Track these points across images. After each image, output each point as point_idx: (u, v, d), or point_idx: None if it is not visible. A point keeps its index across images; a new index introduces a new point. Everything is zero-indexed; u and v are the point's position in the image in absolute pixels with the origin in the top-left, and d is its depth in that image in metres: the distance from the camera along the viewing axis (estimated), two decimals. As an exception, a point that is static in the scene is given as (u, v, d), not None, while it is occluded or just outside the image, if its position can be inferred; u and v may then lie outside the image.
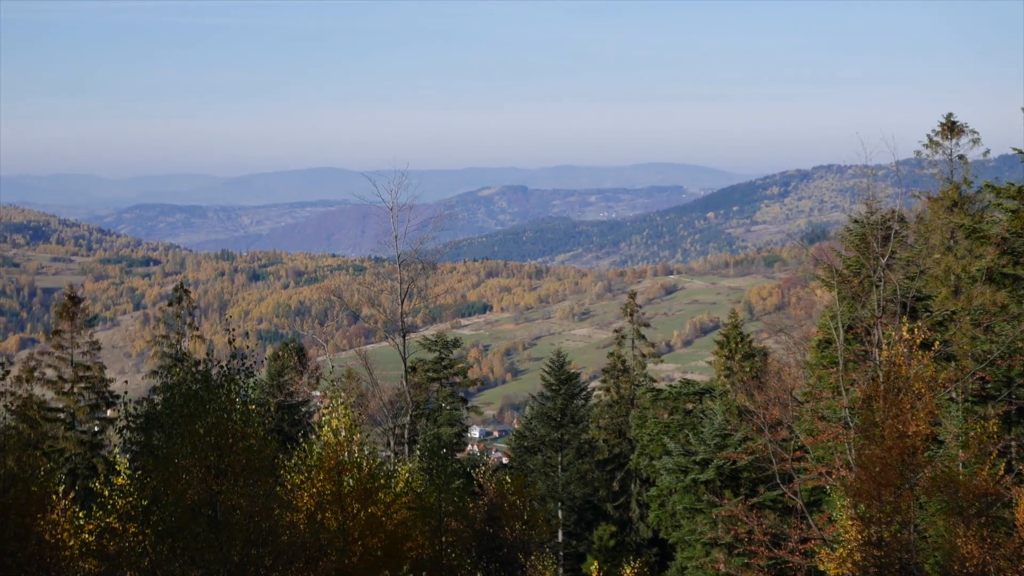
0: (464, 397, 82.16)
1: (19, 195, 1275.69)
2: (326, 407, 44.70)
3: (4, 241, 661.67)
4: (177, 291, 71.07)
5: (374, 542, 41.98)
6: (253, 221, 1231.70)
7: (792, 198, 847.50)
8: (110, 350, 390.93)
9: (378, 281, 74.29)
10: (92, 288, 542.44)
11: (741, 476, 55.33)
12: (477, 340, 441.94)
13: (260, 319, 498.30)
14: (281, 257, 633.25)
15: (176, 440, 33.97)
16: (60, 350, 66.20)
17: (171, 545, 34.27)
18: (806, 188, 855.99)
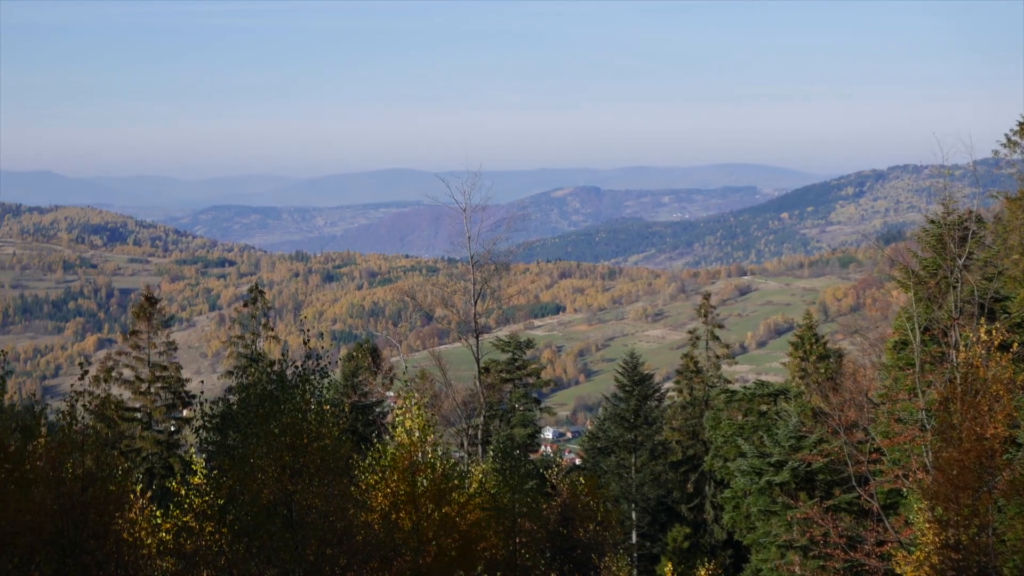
0: (537, 398, 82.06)
1: (97, 197, 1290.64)
2: (400, 408, 44.79)
3: (82, 242, 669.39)
4: (252, 292, 71.47)
5: (448, 542, 42.03)
6: (327, 222, 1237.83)
7: (867, 198, 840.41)
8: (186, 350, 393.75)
9: (451, 282, 74.35)
10: (168, 289, 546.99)
11: (816, 478, 54.91)
12: (550, 341, 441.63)
13: (334, 320, 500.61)
14: (355, 258, 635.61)
15: (252, 440, 34.17)
16: (137, 350, 66.79)
17: (247, 544, 34.49)
18: (882, 188, 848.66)
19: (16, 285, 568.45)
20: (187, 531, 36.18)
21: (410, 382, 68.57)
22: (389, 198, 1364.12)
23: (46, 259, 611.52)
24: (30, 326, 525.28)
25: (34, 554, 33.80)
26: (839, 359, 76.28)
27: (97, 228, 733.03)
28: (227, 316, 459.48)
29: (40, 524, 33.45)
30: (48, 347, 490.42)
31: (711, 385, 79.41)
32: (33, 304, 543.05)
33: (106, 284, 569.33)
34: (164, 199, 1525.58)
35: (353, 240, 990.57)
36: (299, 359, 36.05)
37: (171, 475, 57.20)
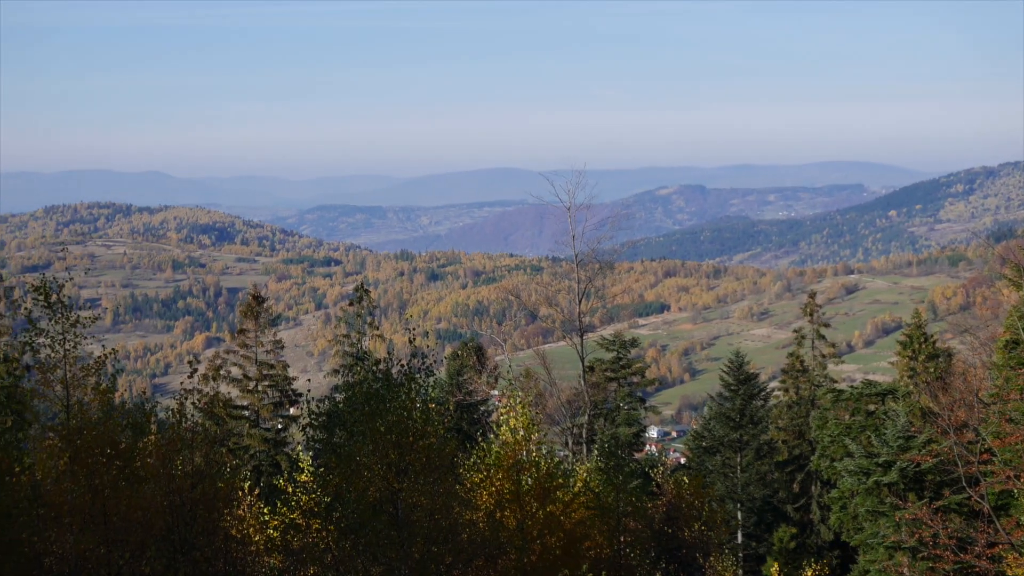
0: (642, 397, 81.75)
1: (206, 197, 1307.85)
2: (504, 406, 44.86)
3: (191, 242, 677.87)
4: (358, 291, 71.88)
5: (553, 541, 42.02)
6: (432, 221, 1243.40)
7: (977, 196, 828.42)
8: (293, 349, 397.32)
9: (555, 281, 74.11)
10: (275, 288, 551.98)
11: (925, 479, 54.17)
12: (655, 340, 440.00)
13: (439, 318, 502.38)
14: (459, 257, 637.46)
15: (358, 438, 34.38)
16: (245, 349, 67.46)
17: (353, 541, 34.72)
18: (992, 185, 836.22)
19: (127, 284, 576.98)
20: (294, 528, 36.52)
21: (514, 381, 68.72)
22: (493, 197, 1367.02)
23: (156, 259, 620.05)
24: (140, 325, 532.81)
25: (145, 550, 34.27)
26: (948, 358, 75.17)
27: (206, 228, 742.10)
28: (333, 315, 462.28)
29: (151, 520, 33.90)
30: (158, 345, 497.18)
31: (817, 384, 78.64)
32: (143, 303, 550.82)
33: (214, 283, 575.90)
34: (271, 199, 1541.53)
35: (458, 239, 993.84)
36: (404, 358, 36.25)
37: (278, 473, 57.81)
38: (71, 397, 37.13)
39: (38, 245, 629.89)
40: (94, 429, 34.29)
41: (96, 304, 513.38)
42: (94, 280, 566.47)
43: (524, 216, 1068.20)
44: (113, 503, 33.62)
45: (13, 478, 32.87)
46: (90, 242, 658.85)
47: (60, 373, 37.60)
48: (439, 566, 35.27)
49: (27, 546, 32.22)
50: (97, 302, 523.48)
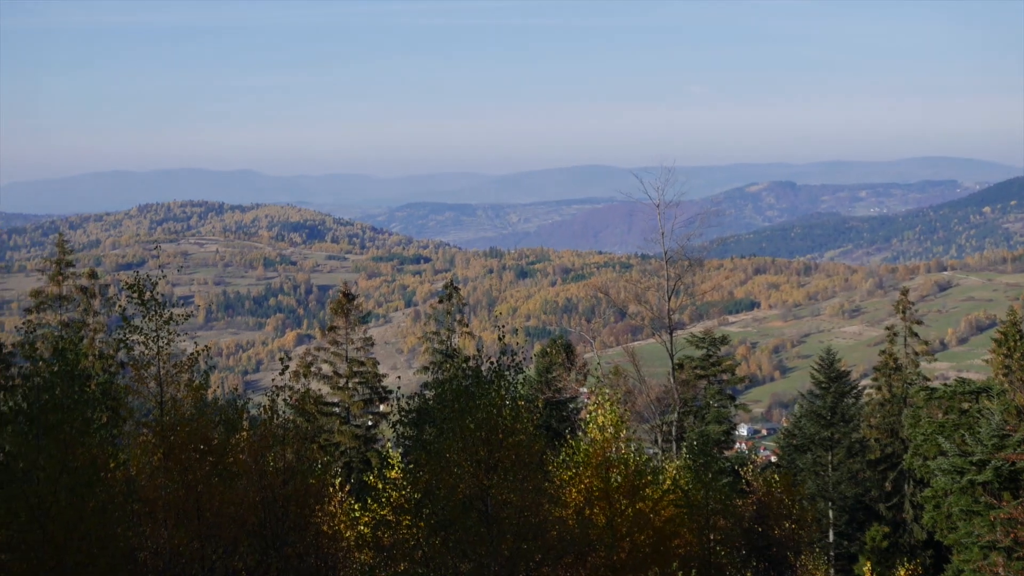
0: (732, 394, 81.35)
1: (297, 195, 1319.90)
2: (593, 403, 44.83)
3: (282, 240, 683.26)
4: (447, 288, 72.15)
5: (642, 538, 41.96)
6: (521, 219, 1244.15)
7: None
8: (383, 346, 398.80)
9: (645, 278, 73.97)
10: (365, 285, 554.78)
11: (1020, 478, 53.48)
12: (744, 337, 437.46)
13: (528, 316, 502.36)
14: (548, 254, 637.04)
15: (447, 435, 34.48)
16: (335, 346, 67.90)
17: (443, 538, 34.83)
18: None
19: (219, 282, 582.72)
20: (385, 524, 36.72)
21: (603, 378, 68.65)
22: (582, 194, 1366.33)
23: (247, 256, 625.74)
24: (232, 322, 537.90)
25: (237, 545, 34.60)
26: (1044, 356, 74.07)
27: (296, 226, 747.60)
28: (422, 312, 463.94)
29: (243, 516, 34.22)
30: (249, 342, 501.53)
31: (910, 382, 77.87)
32: (235, 300, 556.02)
33: (305, 281, 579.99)
34: (361, 197, 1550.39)
35: (547, 236, 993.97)
36: (494, 355, 36.29)
37: (369, 469, 58.13)
38: (165, 393, 37.57)
39: (132, 243, 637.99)
40: (187, 425, 34.67)
41: (189, 301, 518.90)
42: (187, 278, 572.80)
43: (613, 213, 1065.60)
44: (206, 498, 33.98)
45: (108, 474, 33.27)
46: (183, 240, 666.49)
47: (154, 370, 38.06)
48: (528, 563, 35.30)
49: (122, 541, 32.60)
50: (190, 299, 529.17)
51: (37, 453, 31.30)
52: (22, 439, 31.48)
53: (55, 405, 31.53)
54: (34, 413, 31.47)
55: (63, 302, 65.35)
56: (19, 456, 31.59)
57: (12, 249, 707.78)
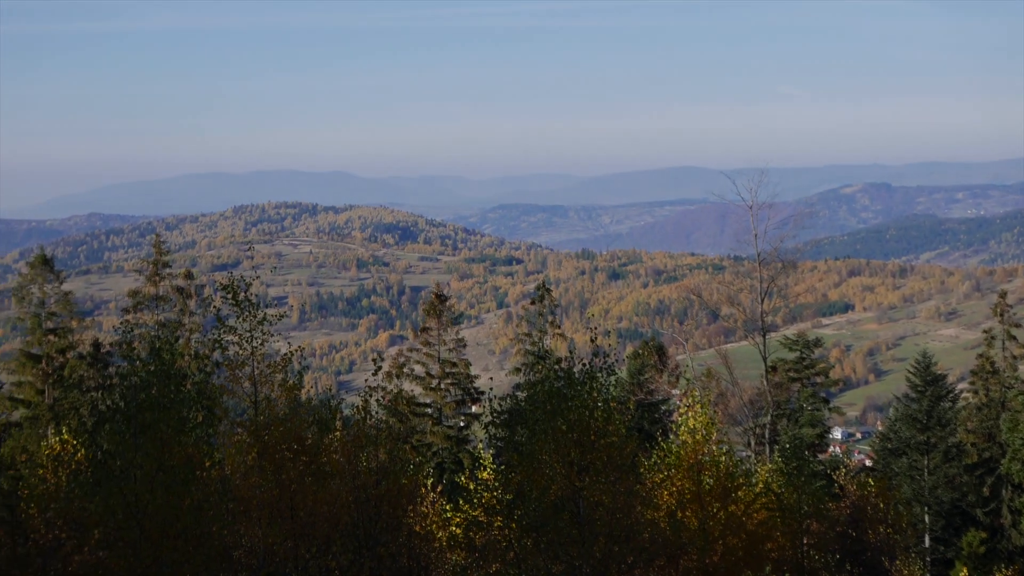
0: (826, 397, 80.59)
1: (390, 196, 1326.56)
2: (685, 406, 44.66)
3: (375, 241, 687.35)
4: (539, 290, 72.14)
5: (734, 541, 41.72)
6: (613, 220, 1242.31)
7: None
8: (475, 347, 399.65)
9: (737, 280, 73.57)
10: (457, 287, 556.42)
11: (1121, 484, 52.71)
12: (839, 340, 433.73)
13: (620, 317, 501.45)
14: (640, 256, 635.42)
15: (539, 436, 34.48)
16: (428, 347, 68.12)
17: (535, 539, 34.84)
18: None
19: (313, 283, 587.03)
20: (477, 525, 36.77)
21: (695, 380, 68.34)
22: (675, 196, 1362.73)
23: (341, 257, 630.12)
24: (326, 323, 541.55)
25: (331, 544, 34.82)
26: None
27: (389, 227, 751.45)
28: (514, 313, 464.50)
29: (336, 515, 34.44)
30: (343, 343, 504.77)
31: (1008, 386, 76.77)
32: (328, 301, 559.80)
33: (397, 282, 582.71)
34: (454, 198, 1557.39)
35: (639, 238, 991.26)
36: (586, 356, 36.24)
37: (461, 470, 58.30)
38: (259, 393, 37.90)
39: (227, 244, 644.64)
40: (281, 425, 34.95)
41: (283, 302, 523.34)
42: (281, 278, 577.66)
43: (706, 215, 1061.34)
44: (300, 498, 34.24)
45: (203, 473, 33.62)
46: (277, 241, 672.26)
47: (248, 370, 38.41)
48: (620, 565, 35.22)
49: (217, 539, 32.93)
50: (284, 300, 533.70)
51: (134, 452, 31.69)
52: (119, 438, 31.89)
53: (152, 404, 31.91)
54: (131, 412, 31.87)
55: (160, 302, 66.21)
56: (116, 454, 32.01)
57: (110, 250, 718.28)
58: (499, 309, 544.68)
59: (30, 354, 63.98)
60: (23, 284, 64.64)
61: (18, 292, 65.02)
